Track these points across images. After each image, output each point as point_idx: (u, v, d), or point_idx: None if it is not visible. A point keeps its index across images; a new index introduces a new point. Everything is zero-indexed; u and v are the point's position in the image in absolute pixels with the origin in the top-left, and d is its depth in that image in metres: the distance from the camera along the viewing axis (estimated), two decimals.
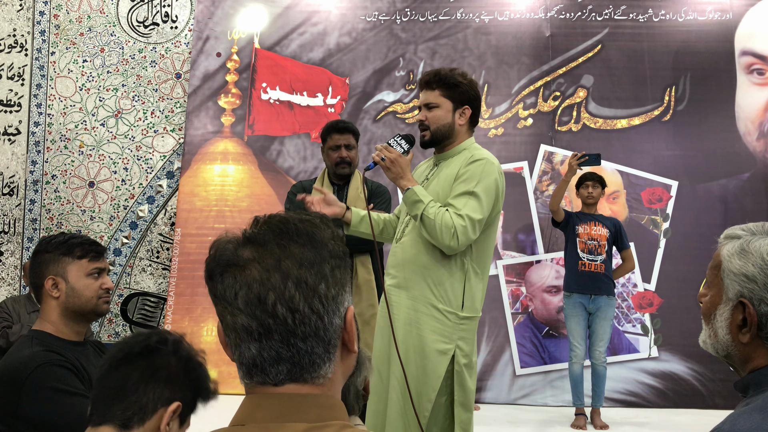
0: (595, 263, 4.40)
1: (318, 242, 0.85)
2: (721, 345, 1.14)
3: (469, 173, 2.32)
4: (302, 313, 0.81)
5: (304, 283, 0.82)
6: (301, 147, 5.72)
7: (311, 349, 0.82)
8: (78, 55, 6.09)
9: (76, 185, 5.97)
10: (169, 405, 1.31)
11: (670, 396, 5.00)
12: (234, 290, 0.82)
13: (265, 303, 0.81)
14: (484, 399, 5.06)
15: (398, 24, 5.81)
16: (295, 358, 0.82)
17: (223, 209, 5.64)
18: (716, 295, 1.15)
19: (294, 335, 0.81)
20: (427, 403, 2.25)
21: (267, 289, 0.81)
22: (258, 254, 0.83)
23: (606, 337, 4.37)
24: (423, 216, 2.24)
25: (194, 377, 1.38)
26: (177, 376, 1.33)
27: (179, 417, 1.35)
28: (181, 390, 1.34)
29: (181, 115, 5.98)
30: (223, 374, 5.28)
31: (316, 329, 0.82)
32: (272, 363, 0.82)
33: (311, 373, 0.83)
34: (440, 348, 2.26)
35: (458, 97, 2.41)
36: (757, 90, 5.49)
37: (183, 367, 1.35)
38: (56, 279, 1.77)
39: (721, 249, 1.17)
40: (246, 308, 0.81)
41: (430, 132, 2.41)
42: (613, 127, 5.53)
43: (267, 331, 0.81)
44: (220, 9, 5.97)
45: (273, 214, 0.89)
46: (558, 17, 5.69)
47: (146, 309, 5.81)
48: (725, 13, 5.61)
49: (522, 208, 5.41)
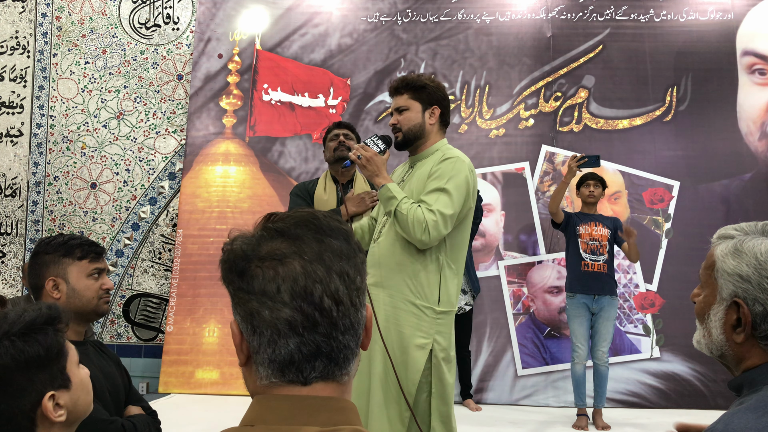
0: (598, 263, 4.40)
1: (346, 235, 0.86)
2: (716, 345, 1.15)
3: (440, 171, 2.40)
4: (345, 305, 0.82)
5: (346, 275, 0.83)
6: (302, 148, 5.73)
7: (347, 342, 0.83)
8: (80, 57, 6.11)
9: (78, 187, 5.98)
10: (40, 401, 1.14)
11: (672, 397, 4.99)
12: (276, 284, 0.81)
13: (312, 295, 0.80)
14: (485, 399, 5.06)
15: (399, 25, 5.81)
16: (333, 353, 0.82)
17: (224, 210, 5.65)
18: (710, 294, 1.16)
19: (336, 328, 0.82)
20: (409, 397, 2.30)
21: (313, 281, 0.81)
22: (297, 247, 0.82)
23: (609, 338, 4.37)
24: (396, 211, 2.33)
25: (28, 357, 1.14)
26: (7, 375, 1.13)
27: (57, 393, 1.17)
28: (29, 380, 1.14)
29: (183, 117, 5.98)
30: (225, 375, 5.29)
31: (352, 322, 0.84)
32: (309, 359, 0.81)
33: (342, 369, 0.84)
34: (419, 343, 2.33)
35: (426, 98, 2.51)
36: (759, 90, 5.49)
37: (14, 354, 1.13)
38: (57, 280, 1.78)
39: (714, 249, 1.17)
40: (292, 301, 0.80)
41: (403, 133, 2.51)
42: (614, 128, 5.53)
43: (312, 324, 0.81)
44: (221, 10, 5.98)
45: (287, 211, 0.88)
46: (559, 18, 5.69)
47: (148, 310, 5.82)
48: (727, 14, 5.61)
49: (523, 208, 5.41)
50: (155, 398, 4.91)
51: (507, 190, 5.42)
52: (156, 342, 5.73)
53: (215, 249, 5.56)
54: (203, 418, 4.50)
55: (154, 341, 5.75)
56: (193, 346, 5.37)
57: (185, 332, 5.40)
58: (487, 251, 5.37)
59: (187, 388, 5.24)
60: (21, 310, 1.19)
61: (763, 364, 1.09)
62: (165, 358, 5.35)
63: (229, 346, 5.36)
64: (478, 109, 5.64)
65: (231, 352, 5.35)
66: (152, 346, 5.71)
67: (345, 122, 3.60)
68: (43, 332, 1.17)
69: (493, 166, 5.44)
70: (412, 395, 2.31)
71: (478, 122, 5.61)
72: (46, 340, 1.16)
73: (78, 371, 1.24)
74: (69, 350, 1.23)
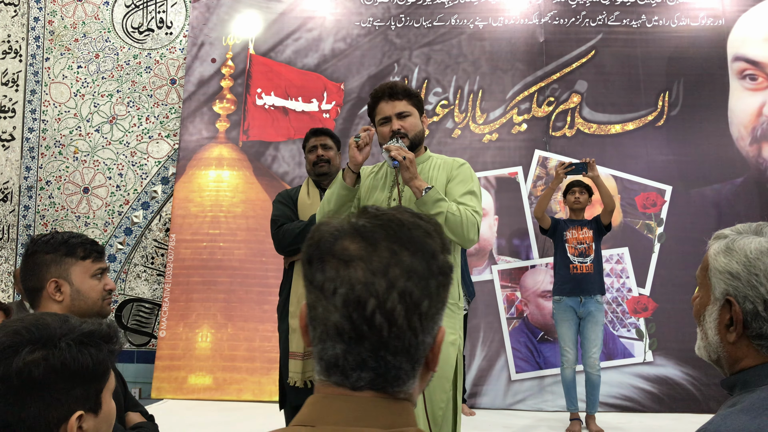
0: (585, 265, 4.46)
1: (429, 254, 0.80)
2: (712, 347, 1.15)
3: (462, 174, 2.47)
4: (399, 327, 0.77)
5: (408, 296, 0.77)
6: (296, 152, 5.72)
7: (399, 364, 0.78)
8: (72, 61, 6.09)
9: (71, 191, 5.96)
10: (68, 418, 1.08)
11: (665, 400, 5.00)
12: (334, 285, 0.77)
13: (364, 308, 0.76)
14: (479, 404, 5.05)
15: (393, 30, 5.83)
16: (380, 369, 0.78)
17: (218, 215, 5.64)
18: (705, 295, 1.17)
19: (385, 348, 0.77)
20: (443, 394, 2.33)
21: (369, 294, 0.76)
22: (366, 253, 0.78)
23: (599, 343, 4.38)
24: (448, 213, 2.33)
25: (77, 368, 1.08)
26: (51, 379, 1.07)
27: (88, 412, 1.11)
28: (67, 392, 1.08)
29: (176, 121, 5.97)
30: (218, 380, 5.27)
31: (408, 346, 0.78)
32: (355, 368, 0.78)
33: (393, 387, 0.79)
34: (451, 339, 2.37)
35: (420, 106, 2.57)
36: (750, 95, 5.52)
37: (55, 364, 1.07)
38: (59, 281, 1.68)
39: (708, 249, 1.18)
40: (343, 308, 0.77)
41: (409, 139, 2.49)
42: (607, 133, 5.55)
43: (358, 337, 0.77)
44: (214, 15, 5.98)
45: (385, 210, 0.83)
46: (552, 23, 5.71)
47: (141, 315, 5.79)
48: (718, 19, 5.65)
49: (517, 213, 5.42)
50: (147, 404, 4.88)
51: (500, 194, 5.44)
52: (148, 347, 5.70)
53: (208, 254, 5.55)
54: (196, 423, 4.48)
55: (146, 346, 5.72)
56: (186, 351, 5.35)
57: (178, 337, 5.38)
58: (480, 256, 5.37)
59: (179, 393, 5.22)
60: (81, 320, 1.14)
61: (757, 365, 1.09)
62: (158, 364, 5.32)
63: (222, 351, 5.34)
64: (471, 113, 5.65)
65: (224, 358, 5.34)
66: (145, 352, 5.69)
67: (322, 129, 3.45)
68: (98, 347, 1.12)
69: (486, 170, 5.45)
70: (446, 392, 2.34)
71: (471, 127, 5.62)
72: (98, 356, 1.11)
73: (110, 400, 1.16)
74: (111, 376, 1.16)
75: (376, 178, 2.60)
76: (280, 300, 3.26)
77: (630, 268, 5.27)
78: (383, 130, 2.53)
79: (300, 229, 3.11)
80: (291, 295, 3.13)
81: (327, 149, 3.33)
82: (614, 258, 5.32)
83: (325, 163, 3.29)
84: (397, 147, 2.39)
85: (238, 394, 5.22)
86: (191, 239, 5.58)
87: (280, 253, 3.25)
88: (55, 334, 1.08)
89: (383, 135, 2.53)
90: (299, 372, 3.01)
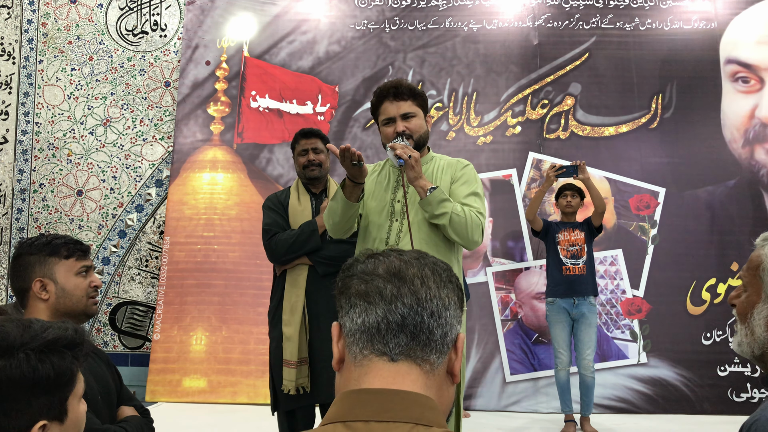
0: (578, 266, 4.49)
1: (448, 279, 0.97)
2: (758, 343, 1.19)
3: (466, 176, 2.46)
4: (433, 292, 0.91)
5: (438, 274, 0.93)
6: (290, 155, 5.70)
7: (431, 327, 0.89)
8: (66, 64, 6.07)
9: (64, 194, 5.94)
10: (30, 428, 1.06)
11: (659, 402, 5.02)
12: (375, 265, 0.93)
13: (404, 275, 0.91)
14: (474, 406, 5.06)
15: (387, 32, 5.84)
16: (416, 328, 0.89)
17: (212, 217, 5.63)
18: (754, 294, 1.21)
19: (421, 304, 0.89)
20: None
21: (408, 266, 0.92)
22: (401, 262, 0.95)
23: (592, 345, 4.40)
24: (452, 213, 2.30)
25: (37, 378, 1.06)
26: (10, 389, 1.05)
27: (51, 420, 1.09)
28: (28, 402, 1.06)
29: (170, 124, 5.96)
30: (213, 383, 5.26)
31: (439, 313, 0.90)
32: (394, 331, 0.88)
33: (425, 350, 0.89)
34: None
35: (424, 106, 2.52)
36: (742, 98, 5.56)
37: (25, 370, 1.06)
38: (44, 281, 1.72)
39: (759, 250, 1.23)
40: (385, 274, 0.91)
41: (414, 141, 2.44)
42: (600, 135, 5.57)
43: (398, 293, 0.89)
44: (209, 17, 5.97)
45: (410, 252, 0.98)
46: (546, 26, 5.73)
47: (135, 318, 5.78)
48: (710, 22, 5.68)
49: (511, 215, 5.43)
50: None
51: (494, 196, 5.45)
52: (143, 350, 5.69)
53: (203, 256, 5.54)
54: (191, 426, 4.47)
55: (140, 349, 5.70)
56: (181, 354, 5.33)
57: (172, 340, 5.37)
58: (475, 258, 5.38)
59: (174, 396, 5.20)
60: (46, 324, 1.12)
61: None
62: (152, 367, 5.31)
63: (216, 354, 5.33)
64: (465, 116, 5.66)
65: (218, 360, 5.32)
66: (139, 355, 5.67)
67: (312, 130, 3.32)
68: (61, 356, 1.10)
69: (480, 173, 5.46)
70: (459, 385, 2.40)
71: (465, 129, 5.63)
72: (61, 365, 1.09)
73: (77, 406, 1.15)
74: (77, 382, 1.15)
75: (379, 178, 2.54)
76: (271, 306, 3.22)
77: (624, 269, 5.29)
78: (387, 131, 2.46)
79: (293, 239, 3.06)
80: (284, 303, 3.09)
81: (318, 153, 3.23)
82: (608, 260, 5.34)
83: (316, 167, 3.22)
84: (403, 145, 2.33)
85: (233, 397, 5.21)
86: (185, 242, 5.57)
87: (273, 263, 3.21)
88: (14, 344, 1.06)
89: (387, 135, 2.46)
90: (293, 380, 3.02)
